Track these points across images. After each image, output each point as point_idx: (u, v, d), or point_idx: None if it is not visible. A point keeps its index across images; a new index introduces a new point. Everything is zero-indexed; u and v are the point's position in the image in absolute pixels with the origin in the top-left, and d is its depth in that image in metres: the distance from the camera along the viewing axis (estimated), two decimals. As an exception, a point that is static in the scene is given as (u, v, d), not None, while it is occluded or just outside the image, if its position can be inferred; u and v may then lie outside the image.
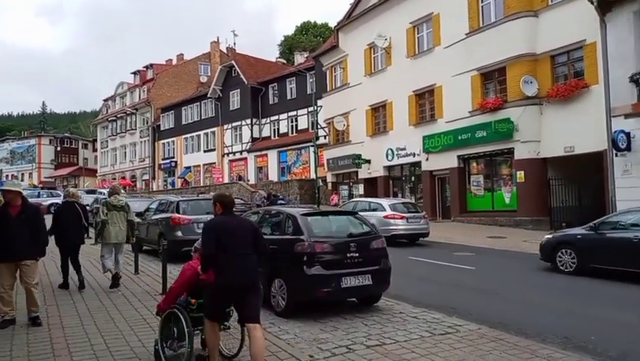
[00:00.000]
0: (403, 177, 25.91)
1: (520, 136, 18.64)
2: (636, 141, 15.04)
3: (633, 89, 14.93)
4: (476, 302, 8.06)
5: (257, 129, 41.61)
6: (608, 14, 15.64)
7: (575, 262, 10.43)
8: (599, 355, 5.39)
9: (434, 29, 22.77)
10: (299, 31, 62.88)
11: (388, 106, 25.64)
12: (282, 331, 6.12)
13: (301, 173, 36.91)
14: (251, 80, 41.15)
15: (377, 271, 6.96)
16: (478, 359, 5.09)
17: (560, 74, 18.24)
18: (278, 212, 7.82)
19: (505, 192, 20.07)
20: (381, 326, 6.34)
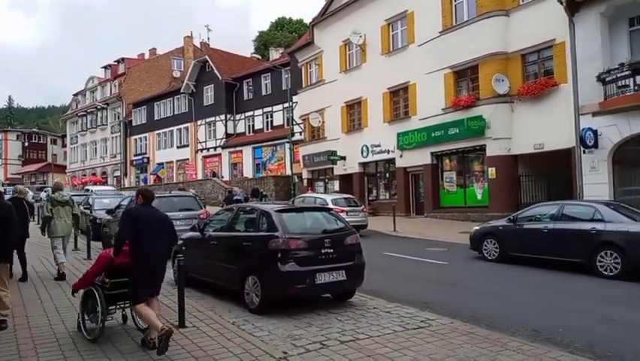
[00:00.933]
0: (378, 173, 26.08)
1: (491, 133, 18.96)
2: (603, 139, 15.48)
3: (600, 88, 15.35)
4: (448, 297, 8.19)
5: (231, 125, 41.25)
6: (577, 15, 16.02)
7: (497, 251, 11.67)
8: (566, 346, 5.53)
9: (408, 27, 22.94)
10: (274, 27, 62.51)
11: (363, 103, 25.75)
12: (255, 328, 6.09)
13: (277, 169, 36.78)
14: (225, 75, 40.75)
15: (351, 266, 6.99)
16: (449, 352, 5.16)
17: (530, 72, 18.61)
18: (252, 209, 7.77)
19: (477, 189, 20.41)
20: (355, 321, 6.38)
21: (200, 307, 6.99)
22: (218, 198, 35.74)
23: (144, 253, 5.14)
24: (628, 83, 14.43)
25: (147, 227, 5.19)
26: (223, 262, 7.53)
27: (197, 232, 8.39)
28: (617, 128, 15.13)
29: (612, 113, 15.12)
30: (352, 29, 25.06)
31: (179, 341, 5.46)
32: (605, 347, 5.49)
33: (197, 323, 6.19)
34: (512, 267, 10.95)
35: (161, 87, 52.25)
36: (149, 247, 5.15)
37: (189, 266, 8.08)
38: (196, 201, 13.44)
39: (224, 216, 8.29)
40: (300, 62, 30.88)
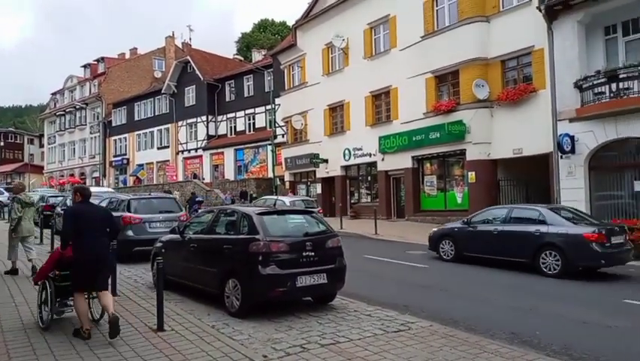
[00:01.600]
0: (360, 176, 26.18)
1: (471, 138, 19.19)
2: (580, 144, 15.79)
3: (577, 94, 15.66)
4: (428, 299, 8.25)
5: (213, 127, 40.98)
6: (555, 22, 16.34)
7: (453, 251, 12.32)
8: (543, 349, 5.62)
9: (391, 31, 23.11)
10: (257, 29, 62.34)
11: (346, 106, 25.83)
12: (235, 331, 6.05)
13: (258, 172, 36.64)
14: (207, 76, 40.49)
15: (332, 269, 6.99)
16: (429, 355, 5.19)
17: (510, 78, 18.89)
18: (233, 211, 7.72)
19: (457, 192, 20.62)
20: (335, 324, 6.38)
21: (179, 311, 6.92)
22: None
23: (83, 249, 5.56)
24: (604, 90, 14.75)
25: (88, 223, 5.61)
26: (203, 264, 7.47)
27: (177, 234, 8.30)
28: (594, 135, 15.45)
29: (589, 119, 15.44)
30: (335, 32, 25.15)
31: (158, 344, 5.40)
32: (581, 348, 5.59)
33: (176, 326, 6.12)
34: (490, 270, 11.09)
35: (142, 87, 51.67)
36: (88, 243, 5.55)
37: (168, 269, 7.99)
38: (176, 203, 13.30)
39: (204, 219, 8.22)
40: (282, 64, 30.85)
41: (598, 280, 10.09)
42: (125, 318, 6.49)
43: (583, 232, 10.19)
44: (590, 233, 10.09)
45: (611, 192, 15.60)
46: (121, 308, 7.04)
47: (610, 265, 10.46)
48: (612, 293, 8.79)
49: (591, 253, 9.94)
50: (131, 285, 8.88)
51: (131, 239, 11.57)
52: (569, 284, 9.48)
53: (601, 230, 10.19)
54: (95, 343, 5.47)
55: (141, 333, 5.83)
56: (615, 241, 10.31)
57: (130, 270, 10.61)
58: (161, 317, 6.01)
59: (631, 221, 11.91)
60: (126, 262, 11.29)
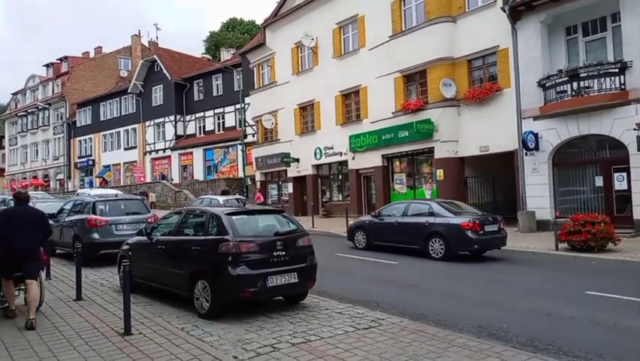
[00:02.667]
0: (331, 175, 26.26)
1: (439, 136, 19.49)
2: (543, 142, 16.25)
3: (541, 93, 16.12)
4: (398, 296, 8.34)
5: (181, 126, 40.42)
6: (519, 22, 16.75)
7: (365, 241, 13.94)
8: (510, 341, 5.75)
9: (359, 31, 23.25)
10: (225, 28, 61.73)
11: (316, 105, 25.86)
12: (205, 333, 5.97)
13: (229, 172, 36.33)
14: (175, 75, 39.91)
15: (303, 268, 6.98)
16: (399, 351, 5.24)
17: (476, 77, 19.27)
18: (202, 212, 7.62)
19: (426, 190, 20.92)
20: (306, 323, 6.37)
21: (147, 314, 6.79)
22: (167, 201, 34.93)
23: (13, 244, 6.25)
24: (566, 89, 15.22)
25: (20, 224, 6.33)
26: (171, 266, 7.35)
27: (145, 236, 8.14)
28: (557, 132, 15.92)
29: (552, 117, 15.90)
30: (304, 32, 25.13)
31: (124, 348, 5.28)
32: (545, 339, 5.75)
33: (144, 329, 6.00)
34: (459, 265, 11.29)
35: (108, 87, 50.54)
36: (19, 239, 6.27)
37: (136, 272, 7.87)
38: (144, 204, 13.06)
39: (172, 220, 8.08)
40: (251, 63, 30.65)
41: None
42: (90, 323, 6.34)
43: (460, 221, 11.84)
44: (465, 223, 11.77)
45: (574, 187, 16.12)
46: (86, 313, 6.87)
47: (483, 249, 12.25)
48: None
49: (467, 240, 11.70)
50: (97, 289, 8.67)
51: (97, 242, 11.31)
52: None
53: (475, 220, 11.86)
54: (59, 348, 5.32)
55: (107, 338, 5.70)
56: (488, 230, 12.01)
57: (96, 273, 10.37)
58: (128, 320, 5.88)
59: (592, 215, 12.29)
60: (92, 266, 11.04)
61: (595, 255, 11.36)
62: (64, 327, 6.17)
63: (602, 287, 8.47)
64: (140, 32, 52.48)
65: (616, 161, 14.85)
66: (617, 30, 15.03)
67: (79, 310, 7.07)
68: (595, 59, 15.09)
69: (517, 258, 12.25)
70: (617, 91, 14.37)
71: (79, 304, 7.40)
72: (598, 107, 14.71)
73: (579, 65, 15.11)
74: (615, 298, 7.80)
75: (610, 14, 15.25)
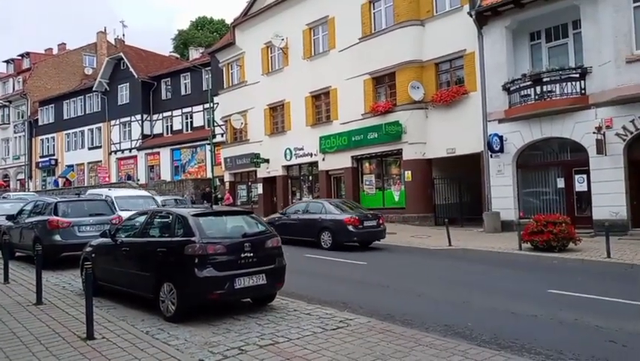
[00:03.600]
0: (302, 176, 26.22)
1: (408, 138, 19.73)
2: (508, 144, 16.66)
3: (506, 96, 16.52)
4: (367, 296, 8.39)
5: (148, 126, 39.66)
6: (485, 27, 17.13)
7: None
8: (474, 339, 5.86)
9: (330, 32, 23.32)
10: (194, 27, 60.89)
11: (286, 106, 25.79)
12: (171, 336, 5.86)
13: (197, 172, 35.84)
14: (141, 73, 39.12)
15: (272, 270, 6.94)
16: (366, 351, 5.27)
17: (443, 80, 19.60)
18: (168, 213, 7.48)
19: (394, 191, 21.14)
20: (275, 324, 6.34)
21: (110, 318, 6.61)
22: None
23: None
24: (529, 93, 15.65)
25: None
26: (136, 269, 7.19)
27: (109, 238, 7.94)
28: (521, 135, 16.35)
29: (516, 120, 16.32)
30: (274, 32, 25.04)
31: (87, 353, 5.13)
32: (508, 337, 5.88)
33: (107, 333, 5.85)
34: (427, 266, 11.45)
35: (72, 85, 49.12)
36: None
37: (100, 274, 7.69)
38: (108, 205, 12.74)
39: (137, 221, 7.91)
40: (221, 62, 30.35)
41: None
42: (51, 327, 6.14)
43: (343, 217, 14.11)
44: (347, 218, 14.06)
45: (537, 188, 16.59)
46: (47, 317, 6.65)
47: (364, 241, 14.43)
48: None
49: (348, 233, 13.95)
50: (58, 292, 8.40)
51: (59, 244, 10.98)
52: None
53: (356, 216, 14.14)
54: (16, 354, 5.12)
55: (69, 342, 5.53)
56: (367, 225, 14.22)
57: (58, 276, 10.06)
58: (91, 324, 5.71)
59: (554, 216, 12.67)
60: (53, 269, 10.71)
61: (556, 254, 11.71)
62: (23, 332, 5.95)
63: (563, 286, 8.74)
64: (105, 29, 51.29)
65: (577, 163, 15.35)
66: (577, 37, 15.55)
67: (39, 314, 6.83)
68: (557, 64, 15.57)
69: (483, 258, 12.51)
70: (577, 95, 14.86)
71: (39, 309, 7.16)
72: (560, 110, 15.18)
73: (542, 70, 15.57)
74: (575, 296, 8.05)
75: (571, 21, 15.76)
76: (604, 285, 8.84)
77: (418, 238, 16.04)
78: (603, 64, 14.20)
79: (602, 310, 7.19)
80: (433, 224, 19.23)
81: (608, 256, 10.95)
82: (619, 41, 13.71)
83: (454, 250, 13.51)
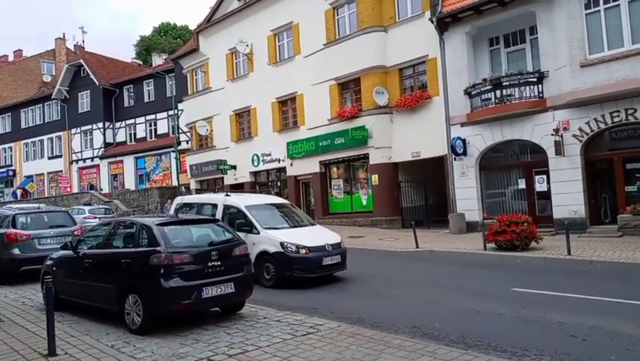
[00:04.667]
0: (270, 182, 26.09)
1: (374, 143, 19.94)
2: (471, 147, 17.04)
3: (467, 100, 16.91)
4: (336, 300, 8.41)
5: (110, 134, 38.76)
6: (446, 33, 17.52)
7: None
8: (442, 339, 5.95)
9: (294, 38, 23.38)
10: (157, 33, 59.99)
11: (252, 112, 25.67)
12: (137, 349, 5.73)
13: (162, 180, 35.22)
14: (103, 80, 38.26)
15: (240, 278, 6.88)
16: (337, 355, 5.28)
17: (407, 85, 19.92)
18: (132, 222, 7.31)
19: (362, 195, 21.30)
20: (244, 333, 6.28)
21: (73, 332, 6.41)
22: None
23: None
24: (490, 97, 16.08)
25: None
26: (100, 281, 6.99)
27: (70, 250, 7.70)
28: (482, 137, 16.76)
29: (478, 123, 16.73)
30: (239, 38, 24.91)
31: (48, 371, 4.96)
32: (475, 336, 6.00)
33: (70, 349, 5.67)
34: (395, 267, 11.57)
35: (29, 92, 47.53)
36: None
37: (61, 288, 7.45)
38: (69, 216, 12.36)
39: (100, 232, 7.71)
40: (185, 68, 29.98)
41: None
42: (10, 345, 5.91)
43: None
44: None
45: (499, 189, 17.02)
46: (5, 335, 6.39)
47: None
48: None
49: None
50: (17, 308, 8.09)
51: (18, 258, 10.58)
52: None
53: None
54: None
55: (29, 360, 5.32)
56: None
57: (17, 292, 9.69)
58: (53, 340, 5.52)
59: (516, 216, 13.02)
60: (12, 284, 10.31)
61: (520, 253, 12.03)
62: (-20, 352, 5.70)
63: (526, 284, 8.99)
64: (64, 35, 49.93)
65: (537, 164, 15.84)
66: (534, 42, 16.09)
67: (-4, 332, 6.56)
68: (516, 69, 16.06)
69: (449, 259, 12.73)
70: (535, 99, 15.36)
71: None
72: (519, 113, 15.64)
73: (501, 75, 16.02)
74: (538, 293, 8.29)
75: (528, 27, 16.30)
76: (565, 282, 9.13)
77: (385, 240, 16.19)
78: (559, 68, 14.73)
79: (564, 306, 7.42)
80: (400, 227, 19.46)
81: (568, 254, 11.31)
82: (573, 47, 14.26)
83: (421, 251, 13.71)
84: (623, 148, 14.34)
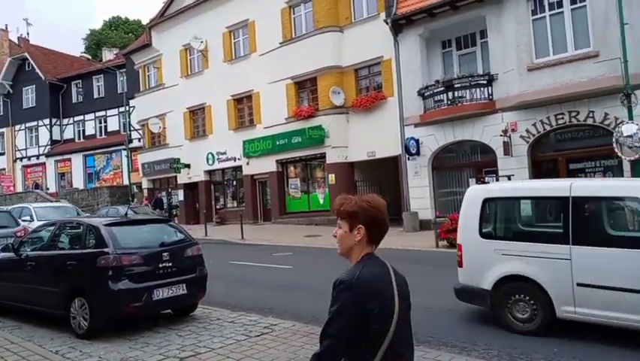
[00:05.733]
0: (225, 181, 25.77)
1: (330, 142, 20.04)
2: (424, 147, 17.40)
3: (421, 101, 17.26)
4: (292, 300, 8.39)
5: (57, 131, 37.19)
6: (400, 35, 17.82)
7: None
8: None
9: (250, 36, 23.16)
10: (108, 27, 57.98)
11: (207, 109, 25.25)
12: (83, 355, 5.52)
13: (112, 179, 34.11)
14: (49, 75, 36.62)
15: (192, 279, 6.76)
16: (291, 355, 5.27)
17: (363, 86, 20.13)
18: (78, 223, 7.05)
19: (319, 194, 21.38)
20: (196, 335, 6.17)
21: (15, 339, 6.12)
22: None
23: None
24: (442, 98, 16.47)
25: None
26: (44, 284, 6.70)
27: (11, 252, 7.33)
28: (435, 138, 17.15)
29: (431, 124, 17.10)
30: (193, 34, 24.46)
31: (-15, 381, 4.70)
32: (427, 332, 6.14)
33: (11, 356, 5.40)
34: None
35: (-33, 86, 44.83)
36: None
37: (2, 292, 7.14)
38: (11, 217, 11.77)
39: (44, 233, 7.38)
40: (137, 64, 29.14)
41: None
42: (-58, 355, 5.55)
43: None
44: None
45: (451, 188, 17.45)
46: (-63, 344, 6.00)
47: None
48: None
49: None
50: (-48, 315, 7.63)
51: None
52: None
53: None
54: None
55: (-36, 370, 5.04)
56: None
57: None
58: (-9, 348, 5.25)
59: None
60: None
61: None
62: None
63: (475, 280, 9.24)
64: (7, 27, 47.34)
65: (487, 164, 16.34)
66: (485, 45, 16.60)
67: None
68: (467, 72, 16.53)
69: (402, 256, 12.91)
70: (485, 101, 15.86)
71: None
72: (470, 115, 16.11)
73: (453, 77, 16.45)
74: (486, 289, 8.54)
75: (479, 31, 16.80)
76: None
77: (341, 239, 16.28)
78: (507, 71, 15.26)
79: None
80: (356, 226, 19.64)
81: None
82: (521, 50, 14.81)
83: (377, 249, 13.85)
84: (567, 149, 15.02)
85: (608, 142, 13.04)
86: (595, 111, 13.89)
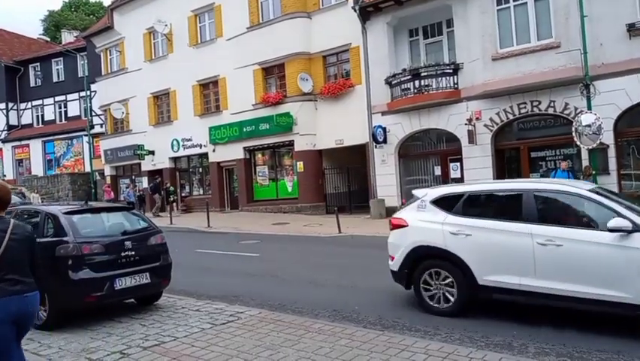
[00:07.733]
0: (191, 168, 25.38)
1: (299, 129, 19.96)
2: (391, 135, 17.55)
3: (388, 90, 17.36)
4: (259, 288, 8.36)
5: (14, 115, 35.71)
6: (368, 22, 17.82)
7: None
8: (361, 322, 6.12)
9: (216, 20, 22.72)
10: (67, 8, 55.81)
11: (172, 95, 24.72)
12: (42, 346, 5.36)
13: (73, 166, 33.10)
14: (4, 57, 35.05)
15: (156, 268, 6.63)
16: (256, 342, 5.26)
17: (331, 73, 20.08)
18: (36, 211, 6.80)
19: (287, 182, 21.32)
20: (160, 324, 6.07)
21: (-32, 332, 5.87)
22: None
23: None
24: (409, 87, 16.61)
25: None
26: None
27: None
28: (402, 126, 17.31)
29: (398, 112, 17.24)
30: (157, 17, 23.81)
31: (-64, 376, 4.50)
32: (392, 317, 6.23)
33: (-36, 350, 5.18)
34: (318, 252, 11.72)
35: None
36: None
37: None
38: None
39: (-1, 222, 7.07)
40: (98, 47, 28.21)
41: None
42: None
43: None
44: None
45: (417, 176, 17.71)
46: None
47: None
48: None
49: None
50: None
51: None
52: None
53: None
54: None
55: None
56: None
57: None
58: (-58, 341, 5.01)
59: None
60: None
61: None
62: None
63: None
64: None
65: (452, 152, 16.65)
66: (451, 35, 16.78)
67: None
68: (433, 60, 16.70)
69: (369, 243, 13.07)
70: (451, 89, 16.08)
71: None
72: (436, 103, 16.32)
73: (420, 65, 16.59)
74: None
75: (445, 20, 16.96)
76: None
77: (310, 226, 16.35)
78: (472, 61, 15.49)
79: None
80: (324, 213, 19.72)
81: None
82: (485, 40, 15.04)
83: (344, 236, 14.00)
84: (529, 138, 15.42)
85: (568, 131, 13.47)
86: (556, 101, 14.28)
